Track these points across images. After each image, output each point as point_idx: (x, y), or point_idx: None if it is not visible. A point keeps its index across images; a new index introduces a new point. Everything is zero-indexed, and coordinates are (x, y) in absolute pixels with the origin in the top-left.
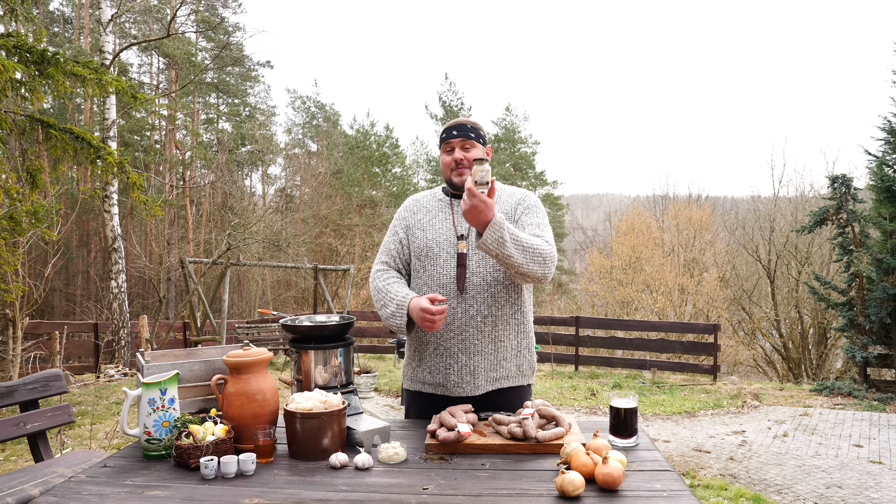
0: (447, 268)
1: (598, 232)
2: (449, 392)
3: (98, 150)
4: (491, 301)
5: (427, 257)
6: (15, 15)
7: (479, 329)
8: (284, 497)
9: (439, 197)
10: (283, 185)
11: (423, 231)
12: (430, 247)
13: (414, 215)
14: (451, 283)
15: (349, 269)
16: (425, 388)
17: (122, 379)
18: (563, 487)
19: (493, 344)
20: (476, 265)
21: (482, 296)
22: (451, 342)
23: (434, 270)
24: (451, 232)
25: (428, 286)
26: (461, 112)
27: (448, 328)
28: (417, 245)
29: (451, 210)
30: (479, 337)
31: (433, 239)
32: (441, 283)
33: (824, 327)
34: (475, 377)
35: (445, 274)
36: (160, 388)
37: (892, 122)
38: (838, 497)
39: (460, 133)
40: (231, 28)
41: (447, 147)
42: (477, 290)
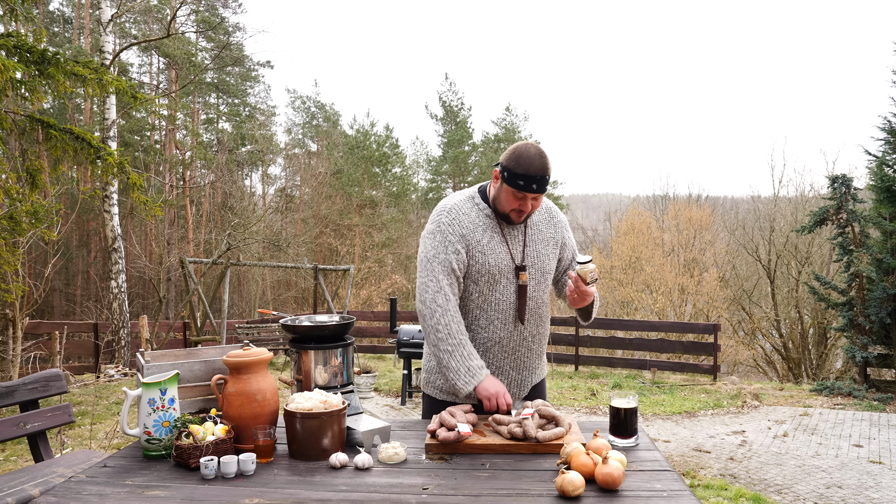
0: (506, 294)
1: (598, 232)
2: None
3: (98, 150)
4: (539, 322)
5: (486, 283)
6: (15, 15)
7: (529, 348)
8: (284, 497)
9: (486, 212)
10: (283, 185)
11: (483, 255)
12: (493, 273)
13: (472, 234)
14: (509, 310)
15: (349, 269)
16: (459, 400)
17: (122, 379)
18: (563, 487)
19: (538, 357)
20: (532, 291)
21: (534, 319)
22: (504, 362)
23: (492, 297)
24: (509, 258)
25: (484, 311)
26: (461, 112)
27: (502, 350)
28: (478, 269)
29: (501, 232)
30: (528, 355)
31: (495, 265)
32: (500, 308)
33: (824, 327)
34: (521, 388)
35: (505, 300)
36: (160, 388)
37: (892, 122)
38: (838, 497)
39: (539, 189)
40: (231, 28)
41: (519, 193)
42: (531, 314)
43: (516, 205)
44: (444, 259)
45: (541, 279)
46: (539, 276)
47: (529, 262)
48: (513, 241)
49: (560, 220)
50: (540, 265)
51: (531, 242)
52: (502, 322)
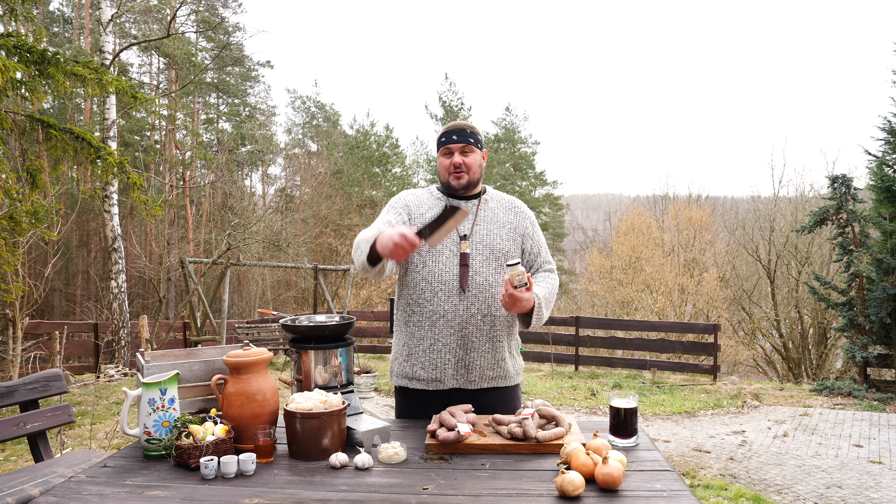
0: (450, 265)
1: (598, 232)
2: (442, 386)
3: (98, 150)
4: (491, 301)
5: (428, 254)
6: (15, 15)
7: (478, 327)
8: (284, 497)
9: (437, 195)
10: (283, 185)
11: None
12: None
13: (417, 208)
14: (453, 281)
15: (349, 269)
16: (413, 384)
17: (122, 379)
18: (563, 487)
19: (491, 343)
20: (479, 265)
21: (483, 296)
22: (450, 338)
23: (435, 267)
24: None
25: (428, 282)
26: (461, 112)
27: (448, 324)
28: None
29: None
30: (477, 335)
31: None
32: (443, 280)
33: (824, 327)
34: (469, 372)
35: (448, 271)
36: (160, 388)
37: (892, 122)
38: (838, 497)
39: (460, 138)
40: (231, 28)
41: (446, 151)
42: (479, 289)
43: (448, 163)
44: (384, 219)
45: (489, 255)
46: (487, 253)
47: (477, 238)
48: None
49: (522, 212)
50: (489, 242)
51: (481, 221)
52: (446, 294)
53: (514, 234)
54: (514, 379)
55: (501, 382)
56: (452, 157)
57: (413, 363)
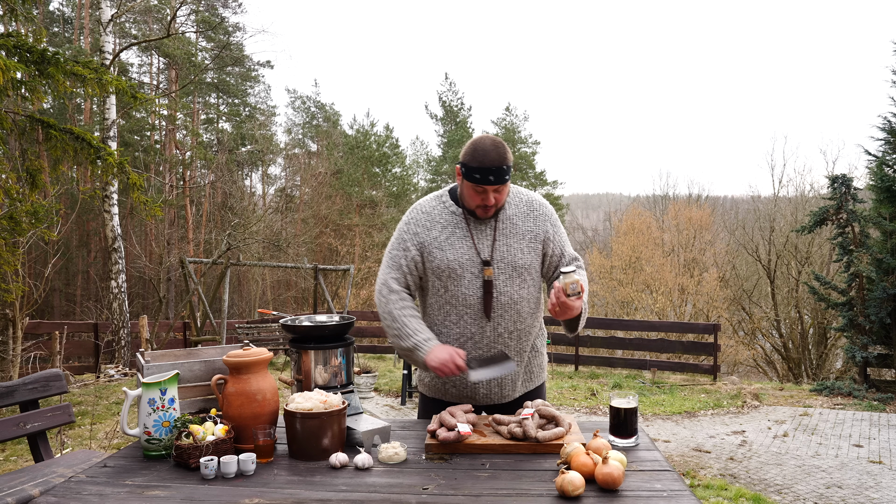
0: (472, 289)
1: (598, 232)
2: (477, 402)
3: (98, 150)
4: (517, 317)
5: (450, 278)
6: (15, 15)
7: (505, 345)
8: (284, 497)
9: (451, 209)
10: (283, 185)
11: (441, 251)
12: (454, 268)
13: (429, 232)
14: (476, 305)
15: (349, 269)
16: (447, 398)
17: (122, 379)
18: (563, 487)
19: (520, 355)
20: (503, 285)
21: (508, 314)
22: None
23: (458, 291)
24: (473, 252)
25: (452, 306)
26: (461, 112)
27: (476, 347)
28: (437, 265)
29: (467, 227)
30: (506, 352)
31: (455, 260)
32: (466, 303)
33: (824, 327)
34: (503, 388)
35: (471, 295)
36: (160, 388)
37: (891, 122)
38: (838, 497)
39: (497, 180)
40: (231, 28)
41: (479, 188)
42: (504, 309)
43: (479, 200)
44: (393, 255)
45: (512, 273)
46: (510, 271)
47: (498, 256)
48: (480, 236)
49: (541, 213)
50: (510, 259)
51: (501, 237)
52: (472, 317)
53: (534, 242)
54: (542, 377)
55: (531, 385)
56: (485, 195)
57: (446, 381)
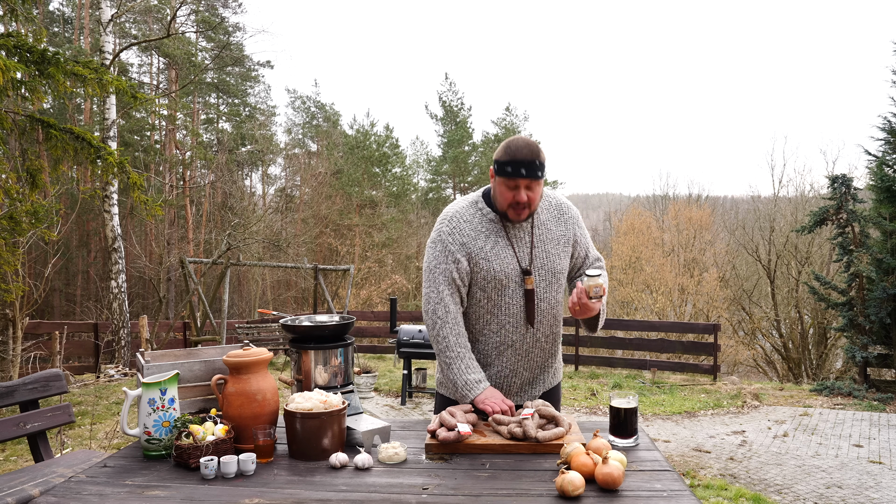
0: (515, 298)
1: (598, 232)
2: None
3: (98, 150)
4: (553, 322)
5: (494, 289)
6: (15, 15)
7: (542, 349)
8: (284, 497)
9: (489, 216)
10: (283, 185)
11: (488, 262)
12: (499, 279)
13: (474, 241)
14: (519, 314)
15: (349, 269)
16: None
17: (122, 379)
18: (563, 487)
19: (553, 357)
20: (543, 291)
21: (547, 320)
22: (517, 364)
23: (501, 301)
24: (515, 261)
25: (495, 317)
26: (461, 112)
27: (515, 353)
28: (483, 276)
29: (506, 234)
30: (542, 355)
31: (500, 270)
32: (509, 313)
33: (824, 327)
34: (533, 388)
35: (514, 305)
36: (160, 388)
37: (891, 122)
38: (838, 497)
39: (529, 173)
40: (231, 28)
41: (511, 183)
42: (543, 316)
43: (511, 196)
44: (444, 269)
45: (551, 280)
46: (549, 278)
47: (538, 263)
48: (519, 244)
49: (571, 217)
50: (550, 266)
51: (539, 243)
52: (513, 326)
53: (566, 246)
54: (560, 376)
55: (554, 382)
56: (517, 191)
57: None
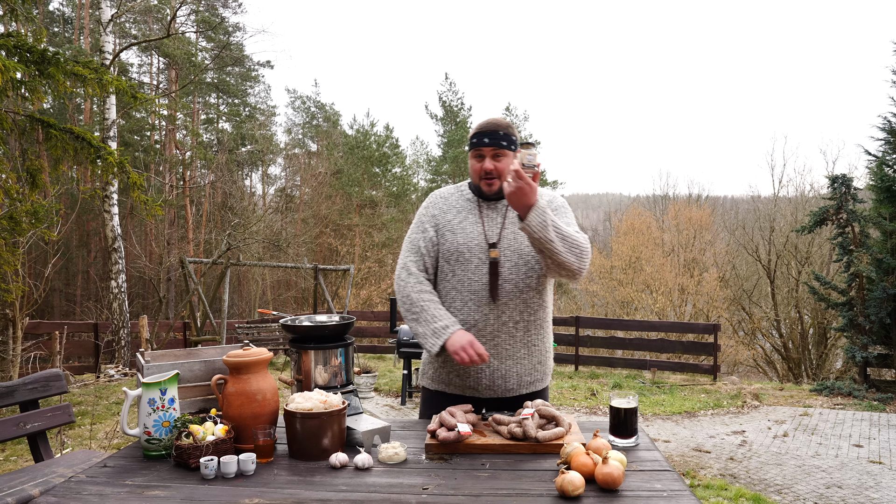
0: (479, 273)
1: (598, 232)
2: (479, 395)
3: (98, 150)
4: (523, 307)
5: (457, 262)
6: (15, 15)
7: (510, 335)
8: (284, 497)
9: (467, 196)
10: (283, 185)
11: (453, 233)
12: (461, 251)
13: (444, 214)
14: (482, 290)
15: (349, 269)
16: (450, 389)
17: (122, 379)
18: (563, 487)
19: (527, 348)
20: (508, 272)
21: (514, 302)
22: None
23: (464, 276)
24: (482, 237)
25: (458, 291)
26: (461, 112)
27: (480, 334)
28: (447, 248)
29: (479, 213)
30: (510, 342)
31: (464, 243)
32: (472, 289)
33: (824, 327)
34: (506, 381)
35: (477, 280)
36: (160, 388)
37: (891, 122)
38: (838, 497)
39: (492, 141)
40: (231, 28)
41: (477, 153)
42: (509, 296)
43: (479, 167)
44: (413, 238)
45: (518, 261)
46: (515, 258)
47: (505, 243)
48: (490, 223)
49: (551, 200)
50: (517, 247)
51: (510, 224)
52: (476, 303)
53: None
54: (547, 379)
55: (538, 386)
56: (483, 161)
57: (449, 370)
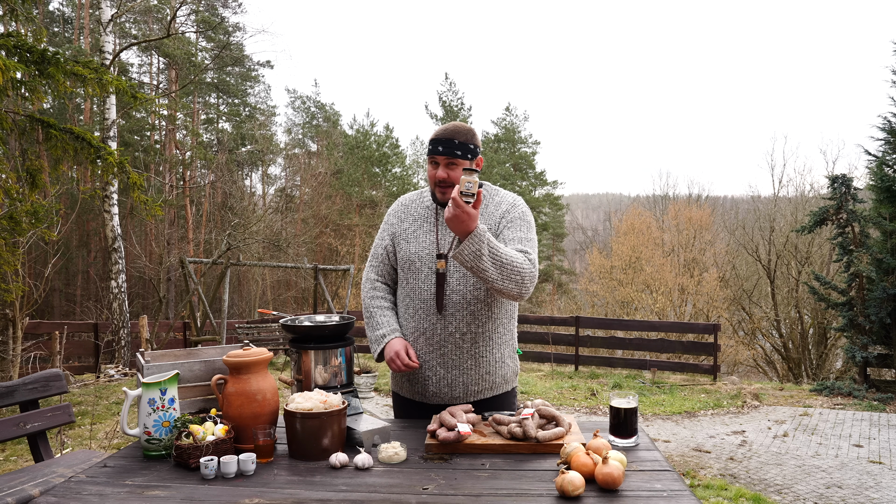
0: (428, 283)
1: (598, 232)
2: (427, 401)
3: (98, 150)
4: (470, 318)
5: (409, 270)
6: (15, 15)
7: (457, 345)
8: (284, 497)
9: (427, 203)
10: (283, 185)
11: (407, 242)
12: (413, 261)
13: (401, 223)
14: (430, 300)
15: (349, 269)
16: (403, 393)
17: (122, 379)
18: (563, 487)
19: (473, 359)
20: (456, 283)
21: (461, 314)
22: (430, 356)
23: (416, 285)
24: (434, 247)
25: (411, 299)
26: (461, 113)
27: (427, 343)
28: (402, 256)
29: (435, 222)
30: (457, 353)
31: (416, 253)
32: (421, 298)
33: (824, 327)
34: (452, 389)
35: (426, 290)
36: (160, 388)
37: (891, 122)
38: (838, 497)
39: (445, 150)
40: (231, 28)
41: (432, 160)
42: (456, 307)
43: (433, 174)
44: (375, 245)
45: (466, 273)
46: (464, 270)
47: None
48: (444, 232)
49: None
50: None
51: None
52: (424, 312)
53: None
54: (504, 387)
55: (489, 393)
56: (437, 169)
57: (401, 375)
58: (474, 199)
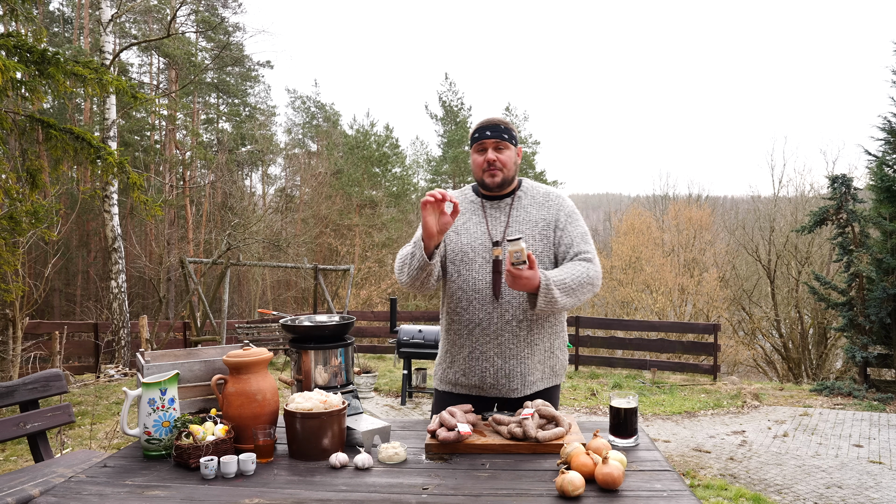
0: (482, 273)
1: (598, 232)
2: (485, 393)
3: (98, 150)
4: (526, 305)
5: (462, 262)
6: (15, 15)
7: (514, 333)
8: (284, 497)
9: (471, 198)
10: (283, 185)
11: (457, 235)
12: (466, 252)
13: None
14: (486, 289)
15: (349, 269)
16: (457, 390)
17: (122, 379)
18: (563, 487)
19: (529, 347)
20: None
21: (517, 301)
22: (487, 346)
23: (469, 276)
24: (486, 237)
25: (463, 291)
26: (461, 112)
27: (484, 332)
28: (452, 249)
29: (483, 213)
30: (514, 341)
31: (468, 244)
32: (477, 288)
33: (824, 327)
34: (510, 380)
35: (481, 279)
36: (160, 388)
37: (891, 122)
38: (838, 497)
39: (494, 134)
40: (231, 28)
41: (479, 147)
42: (512, 294)
43: (481, 160)
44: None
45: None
46: None
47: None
48: (494, 222)
49: (556, 204)
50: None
51: (514, 223)
52: (480, 302)
53: (545, 229)
54: (555, 379)
55: (543, 384)
56: (486, 153)
57: (456, 370)
58: (527, 264)
